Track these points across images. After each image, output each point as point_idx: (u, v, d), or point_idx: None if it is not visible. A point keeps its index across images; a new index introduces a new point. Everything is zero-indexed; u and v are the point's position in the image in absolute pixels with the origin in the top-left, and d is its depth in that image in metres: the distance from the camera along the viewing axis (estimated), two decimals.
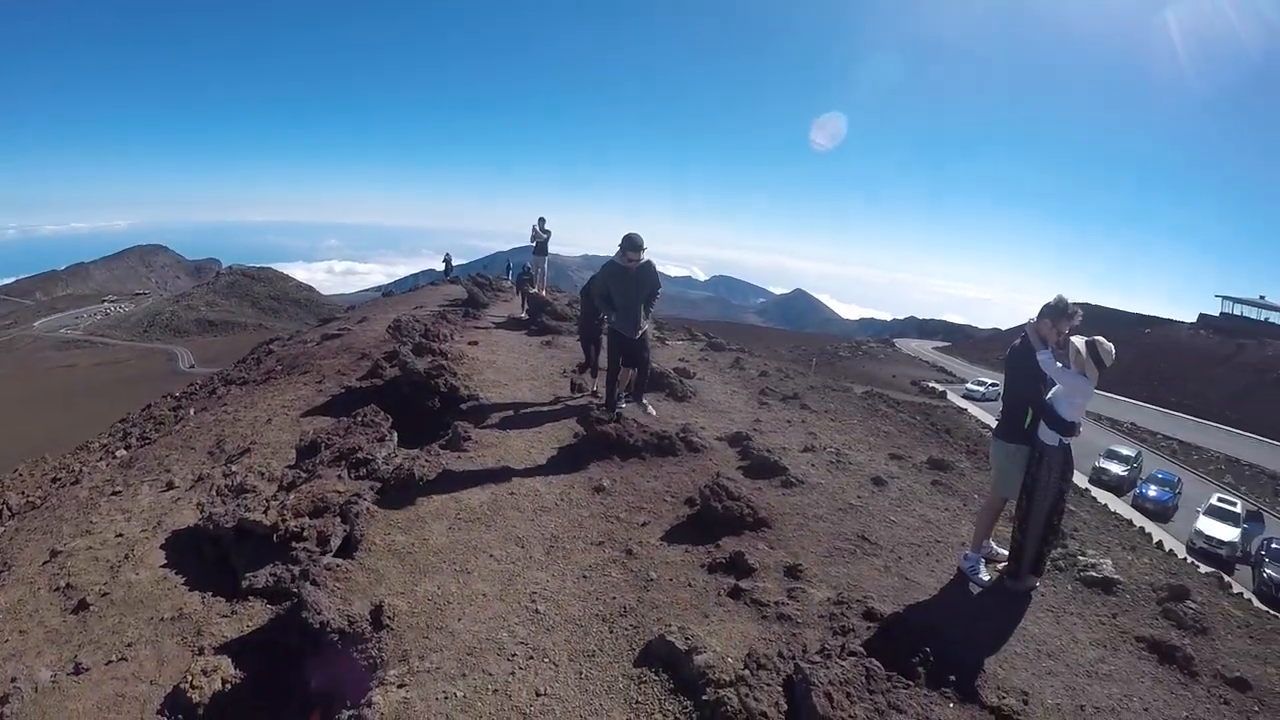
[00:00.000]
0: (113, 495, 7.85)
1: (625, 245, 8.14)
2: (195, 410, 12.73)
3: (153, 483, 8.06)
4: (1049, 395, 5.29)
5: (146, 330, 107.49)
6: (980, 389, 56.09)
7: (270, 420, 9.62)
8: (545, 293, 19.76)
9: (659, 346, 15.90)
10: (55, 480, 11.74)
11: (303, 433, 8.20)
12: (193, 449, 9.12)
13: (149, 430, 13.07)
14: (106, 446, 13.43)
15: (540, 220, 19.11)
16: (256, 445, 8.61)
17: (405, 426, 8.37)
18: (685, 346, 17.92)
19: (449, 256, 34.59)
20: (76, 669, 4.78)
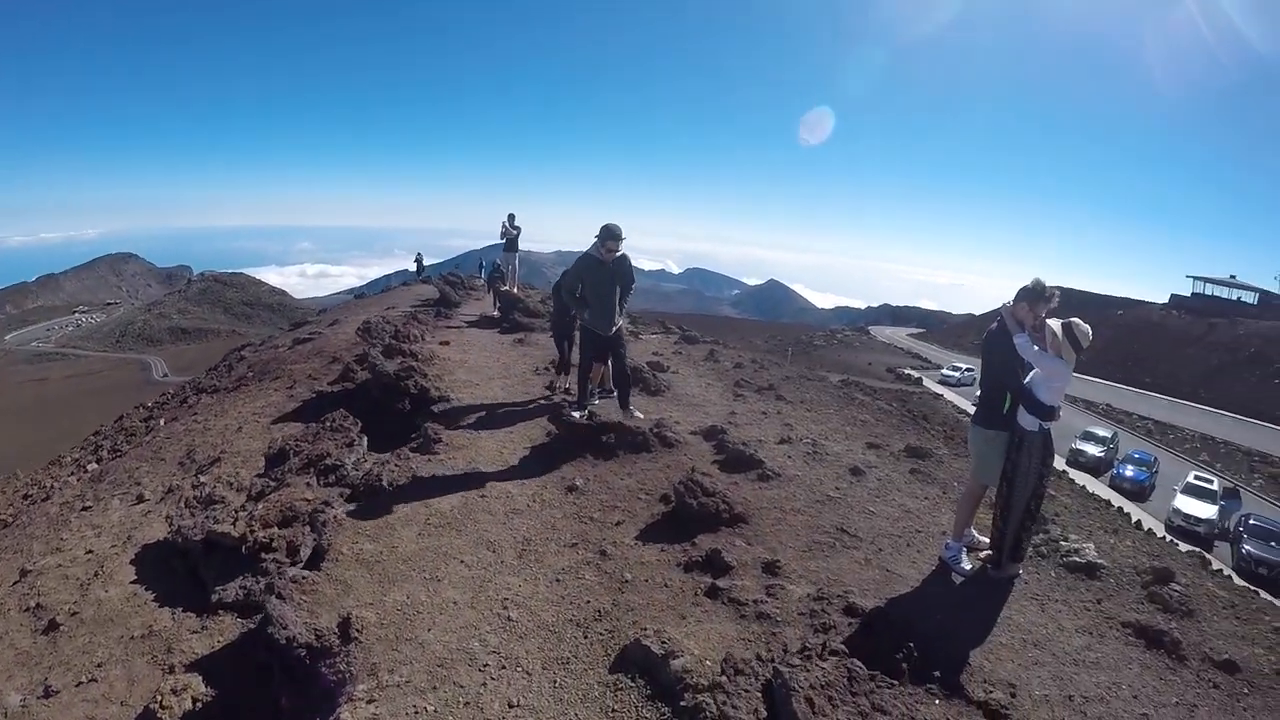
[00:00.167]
0: (83, 510, 7.71)
1: (604, 235, 7.73)
2: (166, 420, 12.51)
3: (123, 496, 7.91)
4: (1027, 379, 5.21)
5: (119, 340, 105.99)
6: (956, 374, 56.73)
7: (241, 428, 9.44)
8: (517, 290, 19.67)
9: (632, 341, 15.77)
10: (26, 497, 11.49)
11: (271, 440, 8.02)
12: (163, 460, 8.96)
13: (120, 442, 12.84)
14: (78, 460, 13.19)
15: (510, 216, 18.93)
16: (227, 454, 8.44)
17: (376, 430, 8.21)
18: (659, 340, 17.80)
19: (420, 256, 34.39)
20: (46, 692, 4.67)
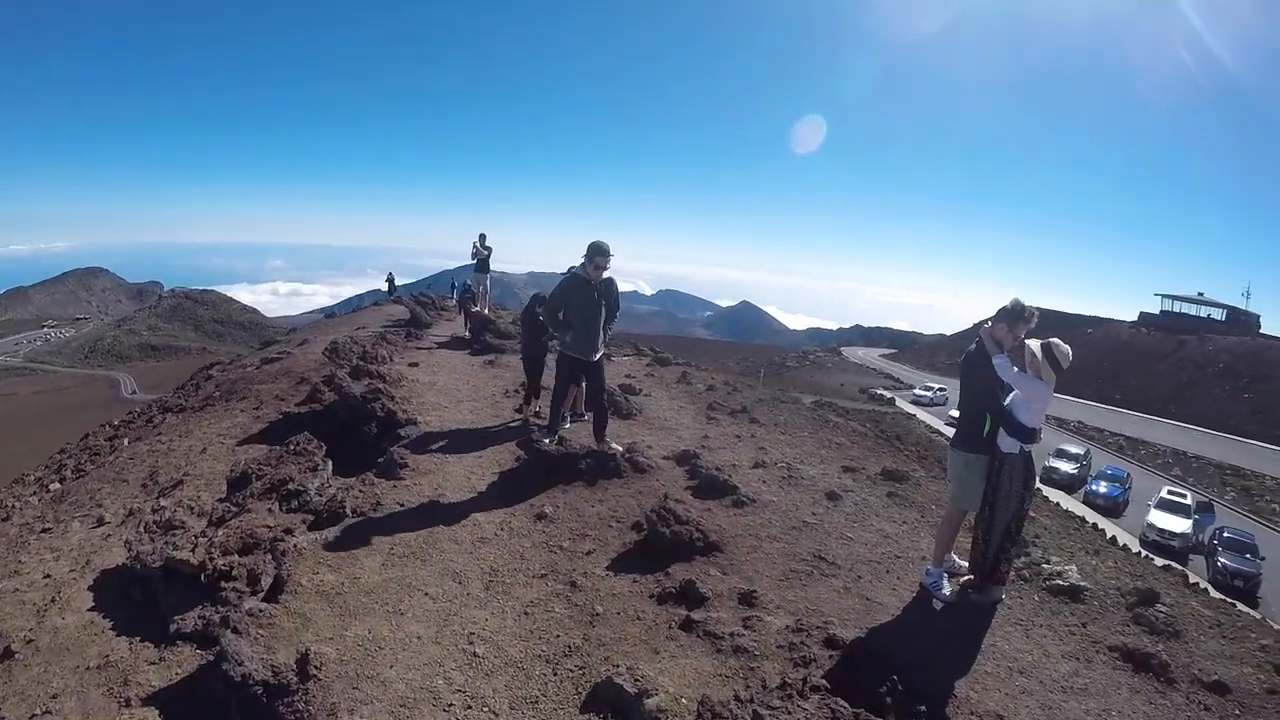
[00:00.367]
0: (43, 532, 7.34)
1: (592, 252, 7.35)
2: (130, 440, 12.16)
3: (84, 518, 7.57)
4: (1007, 401, 5.12)
5: (88, 356, 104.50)
6: (928, 394, 57.28)
7: (205, 450, 9.14)
8: (488, 311, 19.53)
9: (605, 363, 15.67)
10: None
11: (234, 463, 7.75)
12: (125, 481, 8.61)
13: (84, 461, 12.45)
14: (41, 479, 12.79)
15: (481, 237, 18.84)
16: (190, 477, 8.14)
17: (343, 453, 7.95)
18: (631, 362, 17.66)
19: (392, 276, 34.10)
20: None
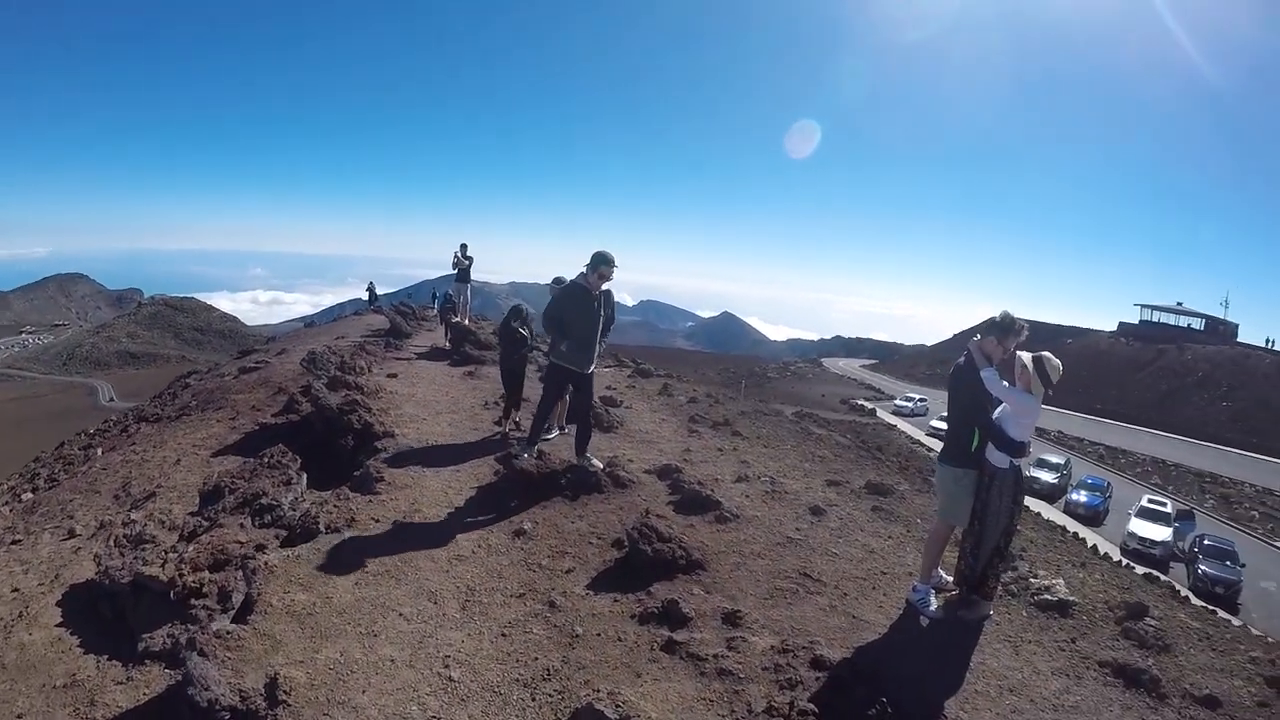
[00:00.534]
0: (13, 544, 7.15)
1: (597, 261, 7.10)
2: (104, 450, 11.92)
3: (54, 530, 7.39)
4: (995, 415, 5.05)
5: (66, 363, 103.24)
6: (909, 404, 57.63)
7: (179, 461, 8.95)
8: (469, 321, 19.38)
9: None
10: None
11: (207, 476, 7.58)
12: (98, 492, 8.43)
13: (58, 471, 12.20)
14: (14, 489, 12.54)
15: (462, 246, 18.73)
16: (163, 489, 7.95)
17: (319, 466, 7.79)
18: (612, 373, 17.53)
19: (373, 285, 33.84)
20: None
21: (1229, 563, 23.41)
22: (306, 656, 4.42)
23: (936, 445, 41.21)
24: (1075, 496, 31.34)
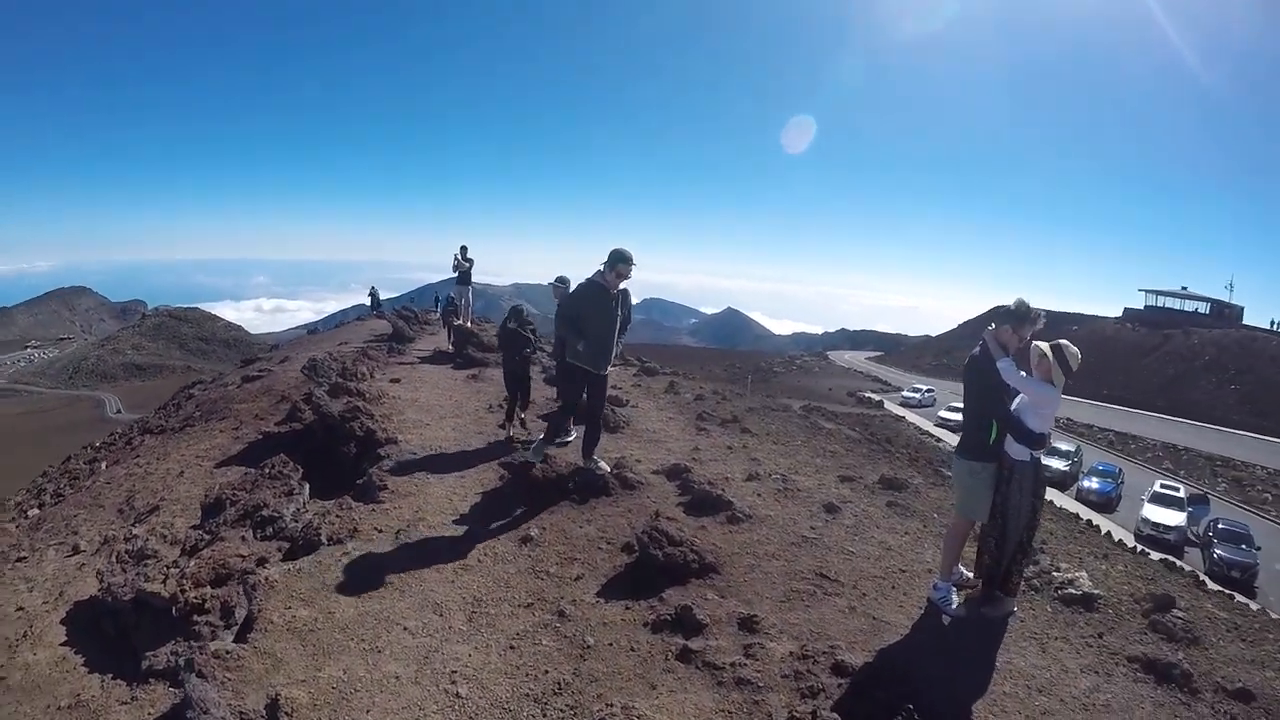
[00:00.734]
0: (18, 562, 7.09)
1: (616, 259, 6.87)
2: (107, 464, 11.84)
3: (59, 546, 7.31)
4: (1014, 406, 4.88)
5: (72, 376, 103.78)
6: (916, 395, 57.29)
7: (183, 473, 8.87)
8: (471, 323, 19.30)
9: None
10: None
11: (209, 488, 7.46)
12: (102, 507, 8.35)
13: (64, 486, 12.14)
14: (21, 504, 12.50)
15: (462, 249, 18.66)
16: (166, 502, 7.87)
17: (322, 474, 7.68)
18: (617, 372, 17.43)
19: (375, 290, 33.73)
20: None
21: (1244, 546, 23.18)
22: (308, 675, 4.28)
23: (945, 436, 40.97)
24: (1087, 484, 31.05)
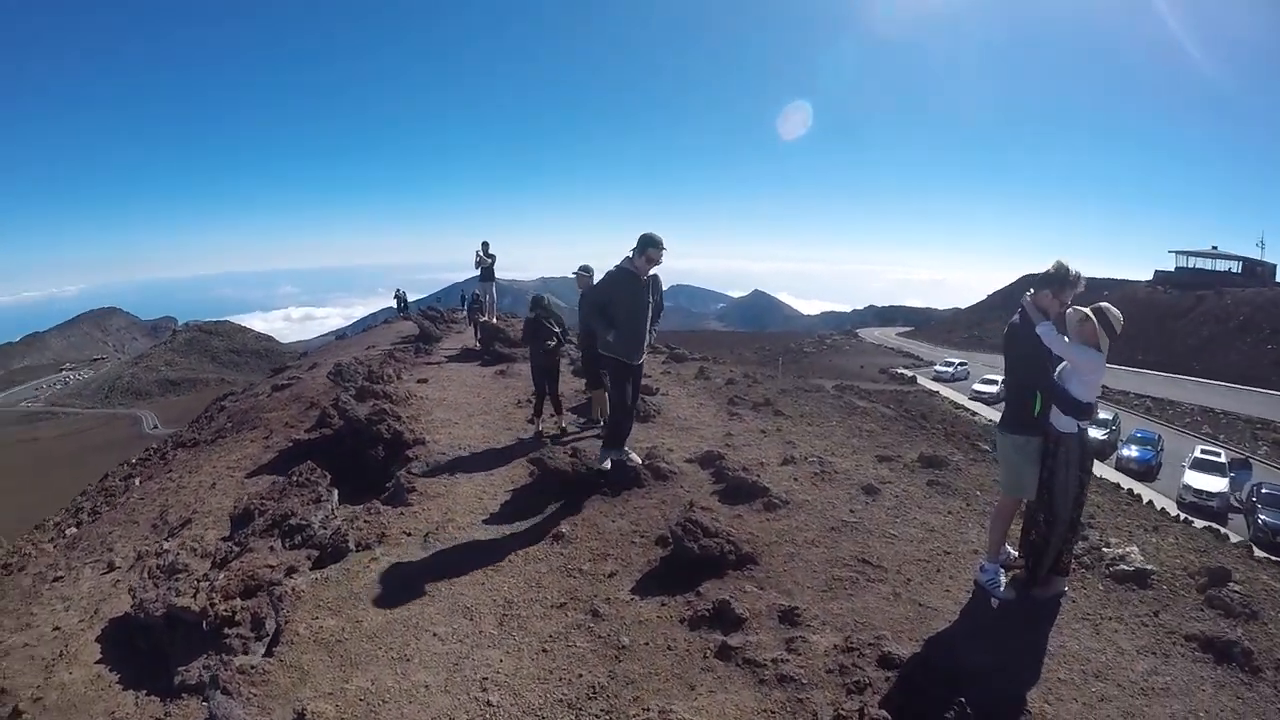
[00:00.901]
0: (55, 581, 7.28)
1: (645, 244, 6.64)
2: (141, 480, 11.96)
3: (94, 564, 7.48)
4: (1057, 374, 4.64)
5: (108, 396, 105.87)
6: (949, 369, 56.80)
7: (215, 484, 8.95)
8: (497, 319, 19.22)
9: None
10: (5, 566, 10.96)
11: (237, 499, 7.46)
12: (136, 523, 8.51)
13: (100, 504, 12.30)
14: (59, 525, 12.70)
15: (484, 245, 18.63)
16: (198, 514, 7.93)
17: (352, 479, 7.66)
18: (646, 359, 17.30)
19: (401, 292, 33.86)
20: None
21: None
22: (336, 688, 4.18)
23: (981, 409, 40.41)
24: (1126, 452, 30.41)
